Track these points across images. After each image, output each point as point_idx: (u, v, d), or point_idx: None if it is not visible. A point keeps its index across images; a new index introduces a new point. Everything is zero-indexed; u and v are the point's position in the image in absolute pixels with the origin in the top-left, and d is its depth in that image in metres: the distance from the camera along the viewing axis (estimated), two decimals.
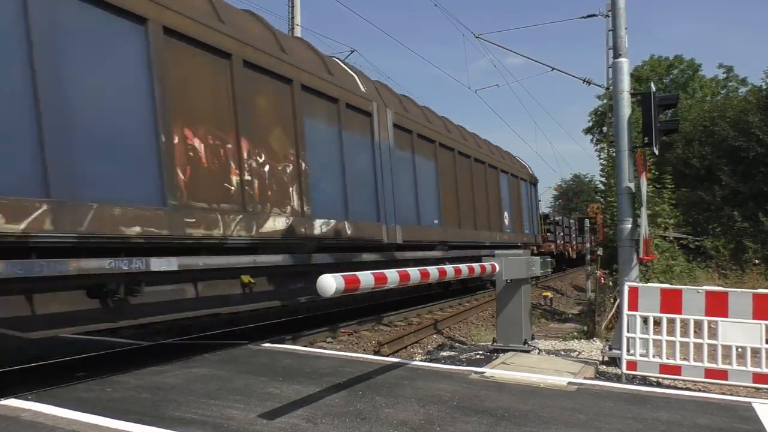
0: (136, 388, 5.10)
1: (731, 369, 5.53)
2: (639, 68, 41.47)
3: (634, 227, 7.46)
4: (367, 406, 4.59)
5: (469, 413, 4.42)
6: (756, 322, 5.46)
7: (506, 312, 7.56)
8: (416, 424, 4.14)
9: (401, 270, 5.05)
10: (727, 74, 41.16)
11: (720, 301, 5.62)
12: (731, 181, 23.06)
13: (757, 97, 24.89)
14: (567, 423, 4.22)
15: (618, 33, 7.74)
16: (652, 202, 11.39)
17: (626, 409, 4.63)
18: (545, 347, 8.10)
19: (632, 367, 5.96)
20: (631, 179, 7.63)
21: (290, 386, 5.16)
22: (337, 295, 4.07)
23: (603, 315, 9.78)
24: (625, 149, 7.57)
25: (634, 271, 7.48)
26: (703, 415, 4.50)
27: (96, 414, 4.25)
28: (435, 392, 5.03)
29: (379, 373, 5.81)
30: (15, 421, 4.13)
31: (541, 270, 8.04)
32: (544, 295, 15.81)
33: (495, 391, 5.14)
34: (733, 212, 22.10)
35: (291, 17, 19.62)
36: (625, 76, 7.69)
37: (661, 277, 11.38)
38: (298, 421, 4.16)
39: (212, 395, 4.85)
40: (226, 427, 4.03)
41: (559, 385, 5.43)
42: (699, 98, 37.84)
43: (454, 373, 5.97)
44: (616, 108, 7.74)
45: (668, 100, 7.99)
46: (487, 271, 7.12)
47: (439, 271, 5.94)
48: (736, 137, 23.15)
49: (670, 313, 5.82)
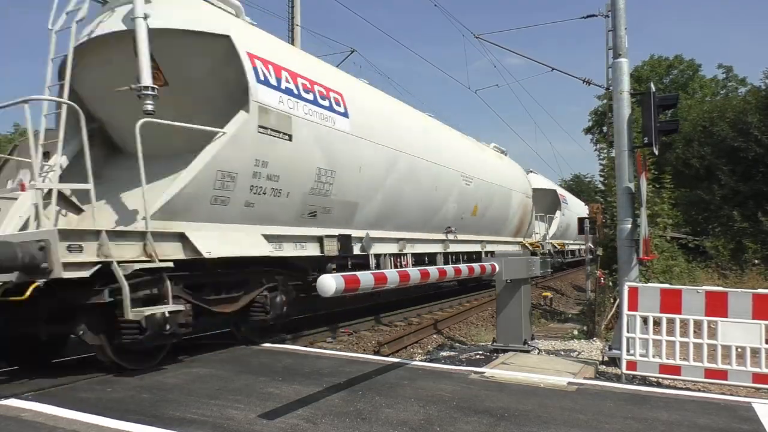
0: (136, 388, 5.11)
1: (731, 369, 5.53)
2: (639, 68, 41.54)
3: (633, 227, 7.47)
4: (367, 406, 4.59)
5: (469, 413, 4.42)
6: (756, 322, 5.47)
7: (506, 312, 7.56)
8: (416, 424, 4.14)
9: (401, 270, 5.05)
10: (726, 74, 41.27)
11: (720, 301, 5.63)
12: (731, 181, 23.07)
13: (756, 97, 24.90)
14: (567, 423, 4.22)
15: (618, 33, 7.75)
16: (651, 202, 11.40)
17: (626, 409, 4.63)
18: (545, 347, 8.10)
19: (632, 367, 5.96)
20: (630, 179, 7.63)
21: (290, 386, 5.17)
22: (337, 295, 4.07)
23: (603, 315, 9.79)
24: (625, 149, 7.58)
25: (633, 271, 7.48)
26: (702, 415, 4.50)
27: (96, 414, 4.25)
28: (435, 392, 5.03)
29: (379, 373, 5.81)
30: (15, 421, 4.13)
31: (541, 270, 8.05)
32: (544, 295, 15.81)
33: (495, 391, 5.14)
34: (733, 212, 22.11)
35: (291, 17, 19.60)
36: (625, 76, 7.69)
37: (661, 277, 11.38)
38: (298, 421, 4.17)
39: (212, 395, 4.85)
40: (226, 427, 4.03)
41: (559, 385, 5.43)
42: (699, 98, 37.86)
43: (454, 373, 5.97)
44: (616, 108, 7.74)
45: (668, 101, 8.00)
46: (487, 271, 7.12)
47: (439, 271, 5.94)
48: (736, 137, 23.17)
49: (669, 313, 5.83)
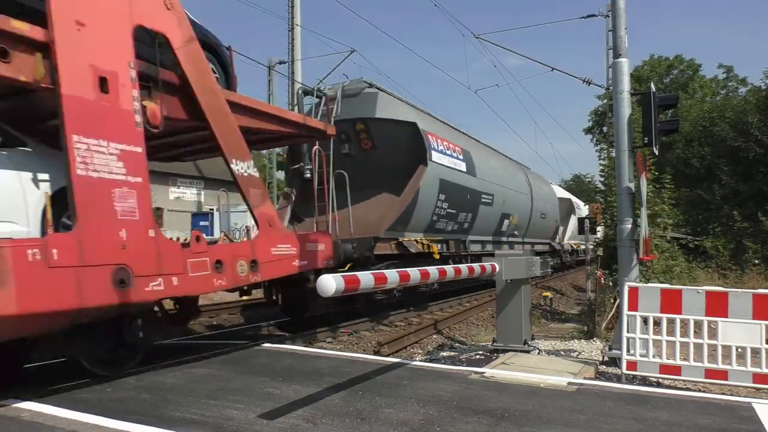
0: (136, 388, 5.10)
1: (731, 369, 5.53)
2: (639, 68, 41.55)
3: (634, 227, 7.46)
4: (367, 406, 4.58)
5: (469, 413, 4.42)
6: (756, 322, 5.46)
7: (506, 312, 7.56)
8: (416, 425, 4.14)
9: (401, 270, 5.05)
10: (727, 74, 41.25)
11: (720, 301, 5.62)
12: (731, 181, 23.05)
13: (756, 97, 24.87)
14: (567, 423, 4.22)
15: (618, 33, 7.74)
16: (651, 202, 11.39)
17: (626, 409, 4.63)
18: (545, 347, 8.09)
19: (632, 367, 5.95)
20: (631, 179, 7.63)
21: (290, 386, 5.16)
22: (337, 295, 4.06)
23: (603, 315, 9.77)
24: (625, 149, 7.57)
25: (634, 271, 7.47)
26: (703, 416, 4.49)
27: (96, 414, 4.25)
28: (435, 392, 5.03)
29: (379, 373, 5.80)
30: (15, 421, 4.13)
31: (541, 270, 8.04)
32: (544, 295, 15.81)
33: (495, 392, 5.13)
34: (733, 212, 22.08)
35: (291, 17, 19.58)
36: (625, 76, 7.68)
37: (661, 278, 11.37)
38: (298, 422, 4.16)
39: (212, 395, 4.85)
40: (226, 427, 4.03)
41: (559, 386, 5.42)
42: (699, 98, 37.83)
43: (454, 373, 5.97)
44: (616, 108, 7.74)
45: (668, 101, 7.99)
46: (487, 271, 7.12)
47: (439, 271, 5.94)
48: (736, 137, 23.14)
49: (670, 313, 5.82)
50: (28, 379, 5.95)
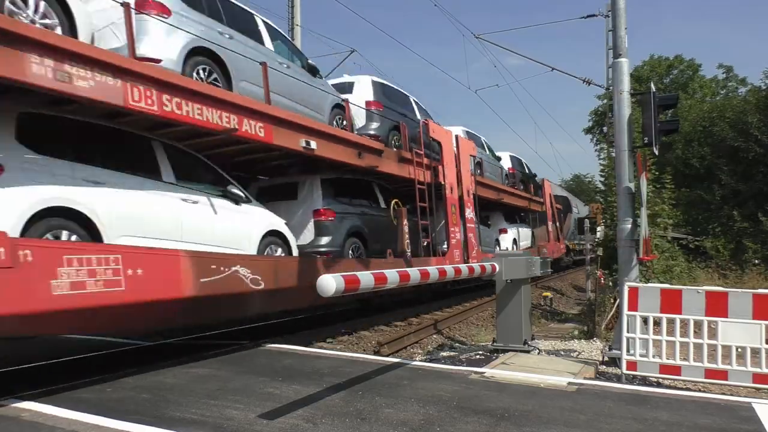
0: (136, 388, 5.11)
1: (731, 369, 5.53)
2: (639, 68, 41.48)
3: (634, 227, 7.46)
4: (367, 406, 4.59)
5: (469, 413, 4.42)
6: (756, 322, 5.46)
7: (506, 312, 7.56)
8: (416, 425, 4.14)
9: (401, 270, 5.05)
10: (726, 74, 41.16)
11: (720, 301, 5.62)
12: (731, 181, 23.05)
13: (756, 97, 24.86)
14: (567, 423, 4.22)
15: (618, 33, 7.74)
16: (651, 202, 11.39)
17: (626, 409, 4.63)
18: (545, 347, 8.10)
19: (632, 367, 5.96)
20: (631, 179, 7.63)
21: (290, 386, 5.16)
22: (337, 295, 4.06)
23: (603, 315, 9.78)
24: (625, 149, 7.57)
25: (634, 271, 7.48)
26: (703, 416, 4.49)
27: (96, 414, 4.25)
28: (435, 392, 5.03)
29: (378, 373, 5.81)
30: (15, 421, 4.13)
31: (541, 270, 8.04)
32: (544, 295, 15.79)
33: (495, 392, 5.13)
34: (733, 212, 22.08)
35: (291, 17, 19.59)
36: (625, 76, 7.68)
37: (661, 278, 11.37)
38: (298, 422, 4.16)
39: (212, 395, 4.85)
40: (226, 427, 4.03)
41: (559, 386, 5.43)
42: (699, 98, 37.80)
43: (454, 373, 5.97)
44: (616, 108, 7.74)
45: (668, 101, 8.00)
46: (487, 271, 7.12)
47: (439, 271, 5.94)
48: (736, 137, 23.13)
49: (670, 313, 5.82)
50: (28, 379, 5.95)
